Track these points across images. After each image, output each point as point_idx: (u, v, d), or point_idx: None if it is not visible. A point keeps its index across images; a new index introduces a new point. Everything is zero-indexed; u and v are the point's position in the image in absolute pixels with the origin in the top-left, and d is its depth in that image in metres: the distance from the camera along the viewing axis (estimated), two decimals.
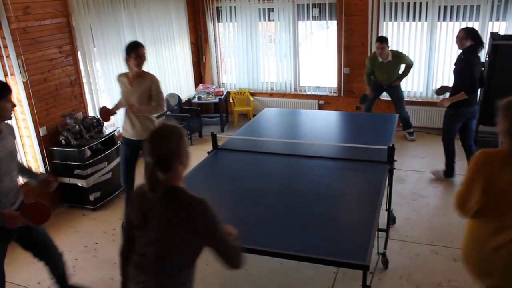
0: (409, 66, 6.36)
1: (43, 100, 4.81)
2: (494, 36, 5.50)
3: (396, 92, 6.48)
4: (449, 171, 5.29)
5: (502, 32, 5.99)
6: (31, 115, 4.64)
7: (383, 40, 6.04)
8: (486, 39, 6.11)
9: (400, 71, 6.38)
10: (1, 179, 2.72)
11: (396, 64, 6.27)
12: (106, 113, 4.25)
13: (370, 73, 6.43)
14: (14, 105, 2.77)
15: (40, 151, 4.76)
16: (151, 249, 1.94)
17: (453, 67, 4.92)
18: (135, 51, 4.04)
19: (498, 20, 6.11)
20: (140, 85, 4.21)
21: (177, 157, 1.93)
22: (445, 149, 5.21)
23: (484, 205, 2.30)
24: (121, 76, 4.30)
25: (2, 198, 2.76)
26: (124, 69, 5.89)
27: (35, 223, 2.71)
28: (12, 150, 2.82)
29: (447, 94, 5.01)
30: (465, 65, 4.68)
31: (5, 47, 4.34)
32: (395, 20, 6.58)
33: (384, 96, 7.00)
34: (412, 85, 6.80)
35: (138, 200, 2.00)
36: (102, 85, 5.83)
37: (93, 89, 5.45)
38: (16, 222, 2.63)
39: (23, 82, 4.52)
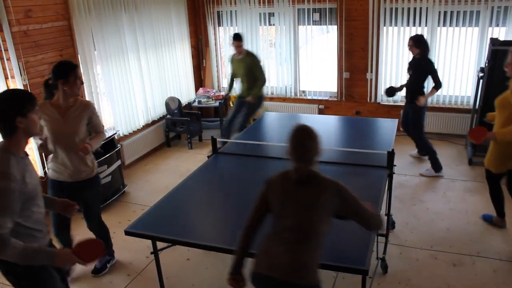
0: (259, 80, 6.11)
1: None
2: (494, 41, 5.51)
3: (246, 109, 6.23)
4: (436, 165, 5.51)
5: (501, 38, 6.00)
6: None
7: (237, 38, 6.01)
8: (486, 45, 6.15)
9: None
10: (39, 204, 2.38)
11: (247, 64, 6.04)
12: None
13: (233, 75, 6.41)
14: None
15: (39, 155, 4.77)
16: (294, 225, 2.25)
17: (408, 70, 5.63)
18: (75, 72, 3.28)
19: (497, 25, 6.13)
20: (76, 115, 3.43)
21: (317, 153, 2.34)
22: (424, 144, 5.59)
23: None
24: (42, 107, 3.34)
25: (42, 228, 2.42)
26: (124, 71, 5.94)
27: (87, 261, 2.36)
28: None
29: (409, 93, 5.63)
30: (429, 66, 5.33)
31: (6, 50, 4.35)
32: (395, 25, 6.59)
33: (384, 100, 7.02)
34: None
35: (281, 187, 2.36)
36: (102, 88, 5.85)
37: (94, 92, 5.46)
38: (69, 262, 2.31)
39: (23, 85, 4.53)
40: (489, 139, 3.92)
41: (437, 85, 5.32)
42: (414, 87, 5.49)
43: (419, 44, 5.30)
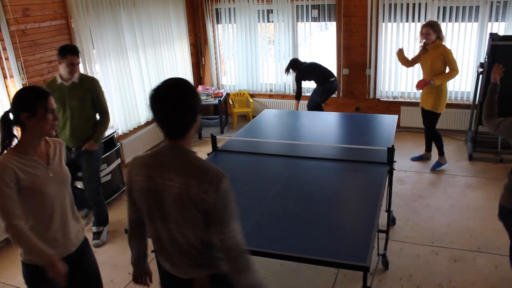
0: (103, 116, 4.25)
1: None
2: (493, 36, 5.50)
3: (87, 164, 4.21)
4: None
5: (501, 33, 5.99)
6: None
7: (72, 51, 3.88)
8: (485, 40, 6.13)
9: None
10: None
11: (81, 92, 4.03)
12: None
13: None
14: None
15: None
16: None
17: None
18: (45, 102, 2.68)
19: (497, 20, 6.12)
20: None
21: None
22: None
23: None
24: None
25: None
26: (123, 69, 5.92)
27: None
28: None
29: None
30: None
31: (4, 49, 4.34)
32: (394, 21, 6.58)
33: (384, 96, 7.01)
34: (412, 86, 6.79)
35: None
36: (101, 86, 5.83)
37: None
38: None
39: (22, 84, 4.51)
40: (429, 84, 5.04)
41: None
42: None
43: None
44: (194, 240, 1.88)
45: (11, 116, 2.25)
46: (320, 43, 7.77)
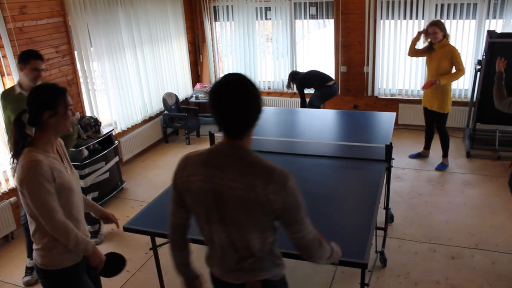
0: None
1: None
2: (491, 34, 5.51)
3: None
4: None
5: (499, 30, 5.99)
6: None
7: (36, 56, 3.54)
8: (483, 37, 6.14)
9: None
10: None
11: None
12: None
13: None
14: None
15: None
16: None
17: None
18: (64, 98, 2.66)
19: (495, 18, 6.12)
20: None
21: None
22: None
23: None
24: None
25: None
26: (121, 67, 5.92)
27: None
28: None
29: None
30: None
31: (2, 47, 4.33)
32: (392, 18, 6.58)
33: (382, 94, 7.01)
34: (409, 83, 6.80)
35: None
36: (99, 85, 5.82)
37: (90, 89, 5.44)
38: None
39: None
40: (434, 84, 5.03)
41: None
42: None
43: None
44: (254, 243, 1.79)
45: (25, 116, 2.18)
46: (318, 41, 7.77)
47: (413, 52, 5.43)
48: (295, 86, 6.73)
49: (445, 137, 5.47)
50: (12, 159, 2.19)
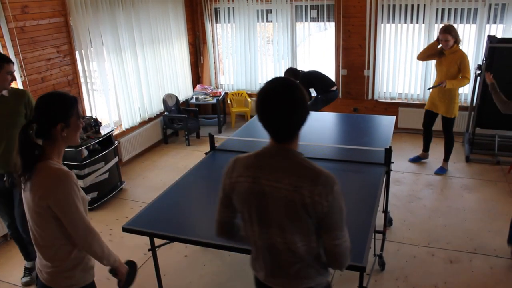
0: None
1: None
2: (491, 39, 5.52)
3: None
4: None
5: (499, 35, 6.01)
6: None
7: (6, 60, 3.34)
8: (483, 42, 6.15)
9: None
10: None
11: (15, 106, 3.44)
12: None
13: None
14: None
15: None
16: None
17: None
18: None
19: (495, 23, 6.14)
20: None
21: None
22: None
23: None
24: None
25: None
26: (121, 68, 5.92)
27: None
28: None
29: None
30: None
31: (3, 46, 4.34)
32: (393, 22, 6.59)
33: (382, 97, 7.02)
34: (409, 87, 6.82)
35: None
36: (99, 85, 5.83)
37: (91, 89, 5.44)
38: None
39: (21, 81, 4.51)
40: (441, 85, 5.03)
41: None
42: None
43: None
44: (299, 247, 1.78)
45: (31, 127, 2.02)
46: (319, 44, 7.78)
47: (424, 58, 5.38)
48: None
49: (450, 142, 5.45)
50: (22, 173, 2.02)
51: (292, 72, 6.50)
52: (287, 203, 1.71)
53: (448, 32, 4.95)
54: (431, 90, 5.37)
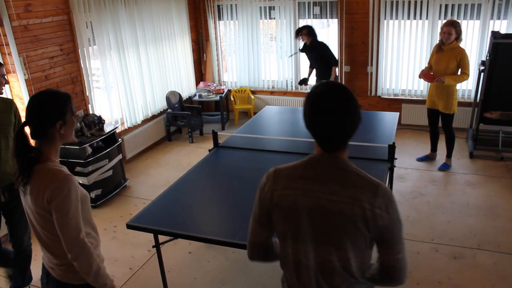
0: None
1: None
2: (495, 34, 5.50)
3: (19, 204, 2.90)
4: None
5: (503, 31, 5.99)
6: None
7: None
8: (487, 38, 6.13)
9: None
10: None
11: (6, 115, 3.26)
12: None
13: None
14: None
15: None
16: None
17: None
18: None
19: (499, 18, 6.11)
20: None
21: None
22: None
23: None
24: None
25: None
26: (124, 66, 5.93)
27: None
28: None
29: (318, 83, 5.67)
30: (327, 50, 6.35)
31: (7, 44, 4.35)
32: (396, 18, 6.57)
33: (385, 94, 7.01)
34: (413, 84, 6.80)
35: None
36: (102, 82, 5.84)
37: (94, 87, 5.45)
38: None
39: (25, 79, 4.53)
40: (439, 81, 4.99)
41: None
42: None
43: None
44: (351, 263, 1.62)
45: (27, 129, 1.99)
46: (322, 40, 7.75)
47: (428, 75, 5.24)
48: (304, 41, 6.44)
49: (451, 138, 5.42)
50: (20, 177, 1.99)
51: (311, 30, 6.31)
52: (344, 218, 1.56)
53: (454, 26, 4.90)
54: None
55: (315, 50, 6.39)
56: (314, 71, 6.64)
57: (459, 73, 5.03)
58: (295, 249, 1.68)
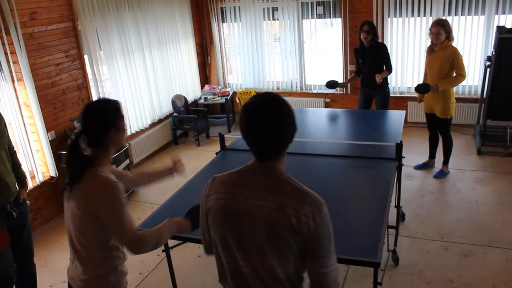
0: (13, 155, 3.24)
1: (50, 104, 4.84)
2: (501, 29, 5.46)
3: (25, 218, 3.29)
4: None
5: (508, 26, 5.95)
6: (43, 119, 4.66)
7: None
8: (492, 33, 6.09)
9: None
10: None
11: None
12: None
13: None
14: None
15: (54, 155, 4.80)
16: None
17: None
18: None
19: (504, 13, 6.07)
20: None
21: None
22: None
23: None
24: None
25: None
26: (130, 70, 5.95)
27: None
28: None
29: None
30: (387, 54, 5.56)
31: (13, 52, 4.36)
32: (400, 16, 6.55)
33: (391, 92, 6.97)
34: (418, 81, 6.76)
35: None
36: (108, 88, 5.87)
37: (100, 92, 5.48)
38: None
39: (34, 87, 4.54)
40: (434, 89, 4.79)
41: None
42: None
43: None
44: (278, 273, 1.61)
45: (81, 138, 2.08)
46: (326, 40, 7.75)
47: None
48: (370, 36, 5.46)
49: (449, 143, 5.18)
50: (69, 182, 2.07)
51: (373, 27, 5.50)
52: (268, 223, 1.55)
53: (442, 25, 4.73)
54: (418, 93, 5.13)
55: (373, 52, 5.51)
56: (354, 75, 6.01)
57: (454, 74, 4.84)
58: (224, 256, 1.71)
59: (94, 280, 2.14)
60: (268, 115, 1.55)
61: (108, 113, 2.09)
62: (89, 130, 2.08)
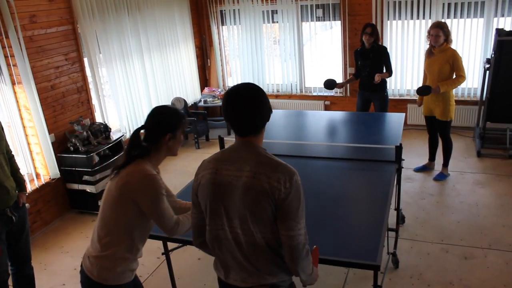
0: (11, 159, 3.22)
1: (50, 107, 4.84)
2: (500, 32, 5.48)
3: (24, 222, 3.27)
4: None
5: (507, 28, 5.96)
6: (44, 122, 4.66)
7: None
8: (491, 36, 6.10)
9: None
10: None
11: None
12: None
13: None
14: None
15: (55, 158, 4.79)
16: None
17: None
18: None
19: (503, 16, 6.08)
20: None
21: None
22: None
23: None
24: None
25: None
26: (129, 73, 5.95)
27: None
28: None
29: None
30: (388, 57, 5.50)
31: (12, 56, 4.37)
32: (399, 18, 6.56)
33: (390, 94, 6.98)
34: (418, 83, 6.76)
35: None
36: (108, 90, 5.87)
37: (100, 95, 5.48)
38: None
39: (34, 90, 4.54)
40: (435, 91, 4.79)
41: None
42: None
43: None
44: (258, 238, 1.80)
45: (141, 132, 2.29)
46: (325, 43, 7.76)
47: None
48: (372, 39, 5.40)
49: (448, 145, 5.17)
50: (120, 166, 2.25)
51: (375, 29, 5.43)
52: (246, 191, 1.76)
53: (441, 27, 4.72)
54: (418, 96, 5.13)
55: (373, 54, 5.47)
56: (348, 78, 5.99)
57: (454, 76, 4.84)
58: (212, 224, 1.89)
59: (102, 261, 2.21)
60: (247, 95, 1.80)
61: (172, 119, 2.26)
62: (150, 126, 2.26)
